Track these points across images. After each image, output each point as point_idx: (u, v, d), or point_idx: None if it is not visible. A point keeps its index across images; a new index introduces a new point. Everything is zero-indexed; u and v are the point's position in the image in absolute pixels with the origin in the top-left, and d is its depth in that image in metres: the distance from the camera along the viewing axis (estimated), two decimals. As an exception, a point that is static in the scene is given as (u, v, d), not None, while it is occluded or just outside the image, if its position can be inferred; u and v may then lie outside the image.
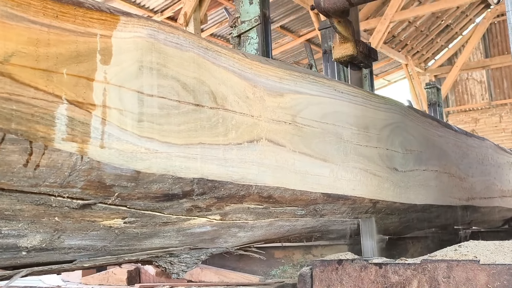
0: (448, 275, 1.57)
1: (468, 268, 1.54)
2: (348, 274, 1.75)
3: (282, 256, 2.61)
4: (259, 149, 1.63)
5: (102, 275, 2.72)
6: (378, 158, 2.31)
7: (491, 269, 1.50)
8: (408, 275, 1.64)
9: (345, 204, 2.09)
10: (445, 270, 1.58)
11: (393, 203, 2.41)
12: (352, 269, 1.76)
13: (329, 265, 1.79)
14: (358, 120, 2.21)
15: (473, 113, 19.96)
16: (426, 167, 2.75)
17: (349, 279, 1.75)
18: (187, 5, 12.29)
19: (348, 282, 1.75)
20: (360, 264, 1.75)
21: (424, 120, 2.84)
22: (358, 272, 1.74)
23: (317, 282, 1.80)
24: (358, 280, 1.73)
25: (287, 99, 1.81)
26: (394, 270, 1.68)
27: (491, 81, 19.79)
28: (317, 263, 1.82)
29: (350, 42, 3.37)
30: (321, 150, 1.94)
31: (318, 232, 2.21)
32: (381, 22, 16.09)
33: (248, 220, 1.70)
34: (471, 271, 1.53)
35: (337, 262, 1.79)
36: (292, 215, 1.88)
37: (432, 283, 1.59)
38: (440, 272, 1.58)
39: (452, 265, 1.57)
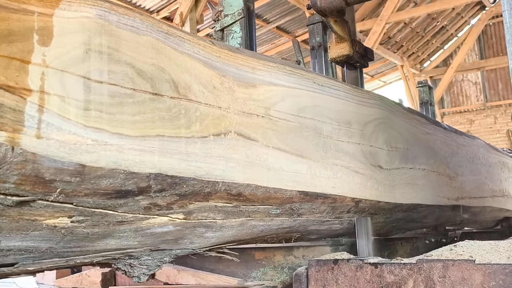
0: (443, 274, 1.56)
1: (463, 267, 1.53)
2: (344, 273, 1.74)
3: (263, 257, 2.48)
4: (227, 143, 1.51)
5: (75, 277, 2.59)
6: (361, 155, 2.18)
7: (487, 269, 1.49)
8: (403, 275, 1.63)
9: (325, 203, 1.97)
10: (440, 269, 1.57)
11: (377, 202, 2.29)
12: (348, 268, 1.74)
13: (324, 265, 1.78)
14: (339, 115, 2.08)
15: (468, 114, 19.89)
16: (413, 165, 2.62)
17: (344, 278, 1.73)
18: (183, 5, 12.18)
19: (343, 282, 1.73)
20: (355, 264, 1.73)
21: (412, 117, 2.72)
22: (354, 272, 1.72)
23: (312, 282, 1.79)
24: (353, 279, 1.72)
25: (261, 90, 1.68)
26: (389, 269, 1.67)
27: (486, 83, 19.72)
28: (313, 263, 1.80)
29: (346, 42, 3.32)
30: (298, 146, 1.81)
31: (297, 233, 2.09)
32: (377, 23, 16.02)
33: (217, 220, 1.57)
34: (467, 271, 1.52)
35: (333, 261, 1.77)
36: (266, 215, 1.76)
37: (427, 282, 1.58)
38: (435, 272, 1.57)
39: (448, 265, 1.55)
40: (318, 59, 3.74)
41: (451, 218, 3.30)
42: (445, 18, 18.67)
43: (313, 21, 3.72)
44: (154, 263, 1.49)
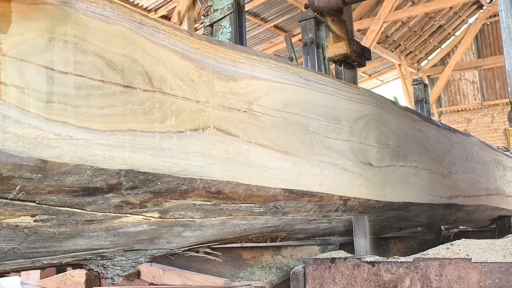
0: (440, 273, 1.56)
1: (460, 266, 1.53)
2: (341, 272, 1.74)
3: (251, 257, 2.41)
4: (206, 138, 1.44)
5: (59, 277, 2.52)
6: (350, 152, 2.12)
7: (483, 267, 1.49)
8: (400, 273, 1.63)
9: (311, 201, 1.90)
10: (437, 268, 1.57)
11: (367, 201, 2.22)
12: (345, 267, 1.74)
13: (322, 263, 1.77)
14: (327, 110, 2.01)
15: (466, 113, 19.84)
16: (404, 162, 2.55)
17: (342, 277, 1.73)
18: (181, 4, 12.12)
19: (341, 280, 1.73)
20: (352, 262, 1.72)
21: (403, 114, 2.65)
22: (351, 270, 1.72)
23: (310, 280, 1.78)
24: (350, 278, 1.71)
25: (242, 84, 1.61)
26: (386, 268, 1.66)
27: (483, 82, 19.67)
28: (310, 261, 1.80)
29: (343, 41, 3.28)
30: (283, 142, 1.74)
31: (283, 232, 2.02)
32: (374, 22, 15.97)
33: (195, 218, 1.50)
34: (463, 269, 1.52)
35: (330, 260, 1.76)
36: (249, 213, 1.69)
37: (424, 281, 1.58)
38: (432, 270, 1.57)
39: (444, 263, 1.55)
40: (310, 56, 3.67)
41: (445, 217, 3.23)
42: (443, 17, 18.60)
43: (306, 17, 3.65)
44: (128, 264, 1.42)
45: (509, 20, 1.74)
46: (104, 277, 1.40)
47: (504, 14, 1.76)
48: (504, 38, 1.73)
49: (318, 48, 3.63)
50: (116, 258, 1.41)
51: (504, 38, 1.73)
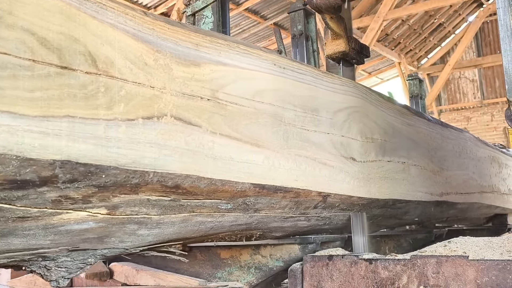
0: (437, 270, 1.56)
1: (457, 263, 1.52)
2: (339, 269, 1.73)
3: (229, 256, 2.27)
4: (162, 128, 1.30)
5: (29, 277, 2.38)
6: (330, 146, 1.98)
7: (480, 265, 1.48)
8: (397, 271, 1.62)
9: (286, 197, 1.76)
10: (434, 265, 1.56)
11: (349, 197, 2.08)
12: (342, 264, 1.73)
13: (319, 261, 1.76)
14: (304, 101, 1.87)
15: (465, 112, 19.67)
16: (391, 158, 2.41)
17: (339, 274, 1.72)
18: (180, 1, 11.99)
19: (338, 278, 1.72)
20: (350, 260, 1.71)
21: (391, 107, 2.51)
22: (348, 268, 1.71)
23: (307, 278, 1.77)
24: (348, 275, 1.71)
25: (206, 70, 1.47)
26: (384, 265, 1.65)
27: (483, 80, 19.50)
28: (308, 259, 1.79)
29: (342, 39, 3.22)
30: (253, 134, 1.60)
31: (257, 230, 1.88)
32: (374, 20, 15.80)
33: (151, 215, 1.36)
34: (460, 267, 1.51)
35: (328, 257, 1.75)
36: (215, 210, 1.55)
37: (421, 278, 1.58)
38: (429, 268, 1.57)
39: (442, 261, 1.55)
40: (299, 48, 3.52)
41: (436, 215, 3.09)
42: (443, 15, 18.43)
43: (294, 8, 3.51)
44: (75, 265, 1.29)
45: (507, 18, 1.71)
46: (47, 280, 1.26)
47: (502, 11, 1.73)
48: (502, 35, 1.71)
49: (307, 40, 3.49)
50: (60, 259, 1.27)
51: (502, 35, 1.71)
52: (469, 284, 1.50)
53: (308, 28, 3.51)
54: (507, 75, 1.69)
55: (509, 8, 1.71)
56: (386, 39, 18.25)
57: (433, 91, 19.13)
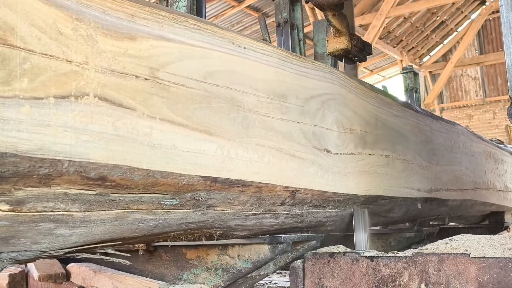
0: (438, 268, 1.54)
1: (458, 261, 1.51)
2: (340, 266, 1.71)
3: (195, 257, 2.07)
4: (82, 109, 1.09)
5: None
6: (300, 136, 1.76)
7: (481, 262, 1.47)
8: (399, 268, 1.61)
9: (245, 192, 1.55)
10: (435, 263, 1.55)
11: (323, 193, 1.87)
12: (344, 262, 1.71)
13: (321, 258, 1.75)
14: (269, 85, 1.66)
15: (467, 110, 19.38)
16: (373, 150, 2.20)
17: (340, 271, 1.71)
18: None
19: (339, 275, 1.71)
20: (351, 257, 1.70)
21: (374, 96, 2.29)
22: (350, 265, 1.70)
23: (309, 275, 1.76)
24: (349, 272, 1.69)
25: (144, 45, 1.26)
26: (385, 263, 1.64)
27: (485, 78, 19.21)
28: (309, 256, 1.77)
29: (344, 36, 3.15)
30: (204, 120, 1.39)
31: (215, 229, 1.67)
32: (376, 17, 15.56)
33: (72, 212, 1.16)
34: (462, 264, 1.50)
35: (329, 255, 1.74)
36: (157, 206, 1.34)
37: (422, 276, 1.56)
38: (430, 265, 1.55)
39: (443, 258, 1.54)
40: (284, 37, 3.31)
41: (425, 212, 2.87)
42: (445, 12, 18.13)
43: (280, -5, 3.30)
44: (-25, 269, 1.08)
45: (510, 15, 1.67)
46: None
47: (505, 8, 1.69)
48: (505, 33, 1.67)
49: (292, 29, 3.28)
50: (-45, 263, 1.07)
51: (504, 33, 1.67)
52: (470, 282, 1.48)
53: (293, 16, 3.30)
54: (509, 73, 1.64)
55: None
56: (388, 37, 17.98)
57: (435, 88, 18.84)
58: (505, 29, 1.67)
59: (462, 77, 19.61)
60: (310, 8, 14.93)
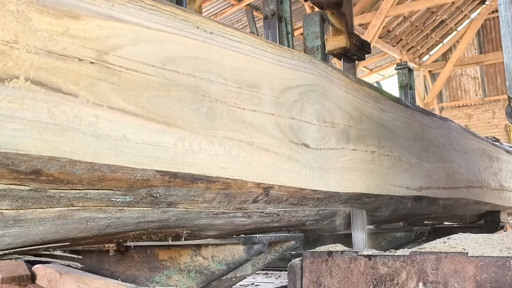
0: (436, 267, 1.53)
1: (456, 260, 1.51)
2: (338, 265, 1.70)
3: (167, 257, 1.94)
4: (9, 93, 0.96)
5: None
6: (275, 129, 1.63)
7: (479, 261, 1.47)
8: (397, 267, 1.59)
9: (211, 188, 1.42)
10: (433, 262, 1.54)
11: (300, 190, 1.73)
12: (342, 260, 1.70)
13: (319, 257, 1.74)
14: (239, 74, 1.53)
15: (467, 109, 19.23)
16: (357, 146, 2.06)
17: (338, 270, 1.70)
18: (180, -4, 11.66)
19: (337, 274, 1.69)
20: (349, 256, 1.69)
21: (359, 88, 2.15)
22: (348, 264, 1.68)
23: (307, 274, 1.75)
24: (347, 271, 1.68)
25: (89, 25, 1.13)
26: (383, 262, 1.63)
27: (484, 77, 19.05)
28: (307, 255, 1.76)
29: (343, 35, 3.16)
30: (161, 109, 1.26)
31: (181, 228, 1.54)
32: (376, 16, 15.43)
33: (2, 210, 1.03)
34: (459, 263, 1.50)
35: (327, 253, 1.73)
36: (107, 203, 1.21)
37: (420, 274, 1.55)
38: (428, 264, 1.54)
39: (441, 257, 1.53)
40: (272, 30, 3.18)
41: (415, 212, 2.73)
42: (445, 12, 17.97)
43: (267, -13, 3.16)
44: None
45: (508, 14, 1.66)
46: None
47: (503, 8, 1.68)
48: (503, 32, 1.67)
49: (280, 21, 3.14)
50: None
51: (503, 32, 1.67)
52: (468, 281, 1.47)
53: (281, 9, 3.17)
54: (508, 72, 1.63)
55: (511, 4, 1.66)
56: (388, 36, 17.84)
57: (435, 88, 18.69)
58: (503, 28, 1.67)
59: (462, 76, 19.45)
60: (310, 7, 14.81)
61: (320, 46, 3.41)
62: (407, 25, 17.83)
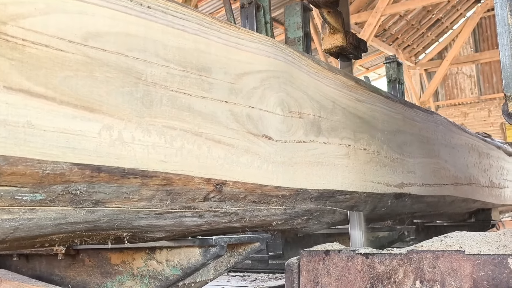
0: (433, 265, 1.52)
1: (453, 258, 1.50)
2: (335, 264, 1.69)
3: (120, 262, 1.75)
4: None
5: None
6: (229, 118, 1.43)
7: (476, 259, 1.46)
8: (394, 265, 1.58)
9: (148, 185, 1.22)
10: (430, 260, 1.53)
11: (260, 187, 1.54)
12: (339, 259, 1.69)
13: (316, 255, 1.73)
14: (185, 55, 1.33)
15: (463, 107, 19.00)
16: (329, 139, 1.86)
17: (335, 269, 1.69)
18: (178, -6, 11.48)
19: (335, 272, 1.68)
20: (346, 255, 1.68)
21: (331, 76, 1.95)
22: (345, 262, 1.67)
23: (304, 272, 1.73)
24: (344, 270, 1.67)
25: (-19, -11, 0.93)
26: (380, 260, 1.61)
27: (480, 76, 18.82)
28: (304, 254, 1.75)
29: (339, 33, 3.17)
30: (80, 92, 1.06)
31: (118, 230, 1.33)
32: (372, 15, 15.23)
33: None
34: (456, 261, 1.49)
35: (324, 252, 1.72)
36: (12, 202, 1.01)
37: (417, 272, 1.54)
38: (425, 262, 1.53)
39: (438, 255, 1.52)
40: (249, 19, 2.98)
41: (397, 210, 2.53)
42: (441, 10, 17.74)
43: (244, -25, 2.96)
44: None
45: (504, 12, 1.64)
46: None
47: (499, 6, 1.66)
48: (499, 30, 1.65)
49: (258, 10, 2.94)
50: None
51: (499, 30, 1.65)
52: (465, 279, 1.46)
53: (259, -3, 2.96)
54: (504, 70, 1.62)
55: (507, 2, 1.64)
56: (384, 35, 17.62)
57: (431, 86, 18.46)
58: (499, 26, 1.65)
59: (458, 75, 19.23)
60: (305, 6, 14.58)
61: (302, 37, 3.21)
62: (403, 23, 17.61)
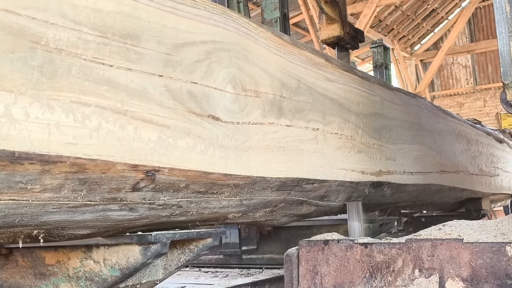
0: (432, 253, 1.50)
1: (452, 246, 1.48)
2: (334, 254, 1.67)
3: (55, 262, 1.54)
4: None
5: None
6: (164, 95, 1.21)
7: (474, 247, 1.45)
8: (393, 254, 1.57)
9: (53, 172, 0.99)
10: (429, 248, 1.51)
11: (205, 175, 1.31)
12: (338, 249, 1.67)
13: (315, 245, 1.72)
14: (104, 18, 1.10)
15: (458, 98, 18.77)
16: (292, 121, 1.64)
17: (335, 258, 1.67)
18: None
19: (334, 262, 1.67)
20: (346, 244, 1.67)
21: (296, 52, 1.72)
22: (344, 252, 1.66)
23: (303, 262, 1.72)
24: (344, 259, 1.65)
25: None
26: (379, 249, 1.60)
27: (476, 66, 18.57)
28: (304, 244, 1.74)
29: (337, 23, 3.12)
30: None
31: (24, 228, 1.11)
32: (367, 6, 14.99)
33: None
34: (455, 249, 1.48)
35: (323, 242, 1.71)
36: None
37: (416, 261, 1.53)
38: (424, 251, 1.52)
39: (436, 244, 1.51)
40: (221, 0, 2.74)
41: (376, 200, 2.31)
42: (436, 1, 17.47)
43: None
44: None
45: (502, 1, 1.60)
46: None
47: None
48: (497, 18, 1.62)
49: (230, -11, 2.70)
50: None
51: (497, 18, 1.62)
52: (463, 267, 1.45)
53: (231, -25, 2.72)
54: (502, 58, 1.59)
55: None
56: (379, 25, 17.36)
57: (426, 77, 18.21)
58: (497, 14, 1.62)
59: (453, 65, 18.97)
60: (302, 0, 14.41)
61: (279, 18, 2.98)
62: (398, 14, 17.34)
